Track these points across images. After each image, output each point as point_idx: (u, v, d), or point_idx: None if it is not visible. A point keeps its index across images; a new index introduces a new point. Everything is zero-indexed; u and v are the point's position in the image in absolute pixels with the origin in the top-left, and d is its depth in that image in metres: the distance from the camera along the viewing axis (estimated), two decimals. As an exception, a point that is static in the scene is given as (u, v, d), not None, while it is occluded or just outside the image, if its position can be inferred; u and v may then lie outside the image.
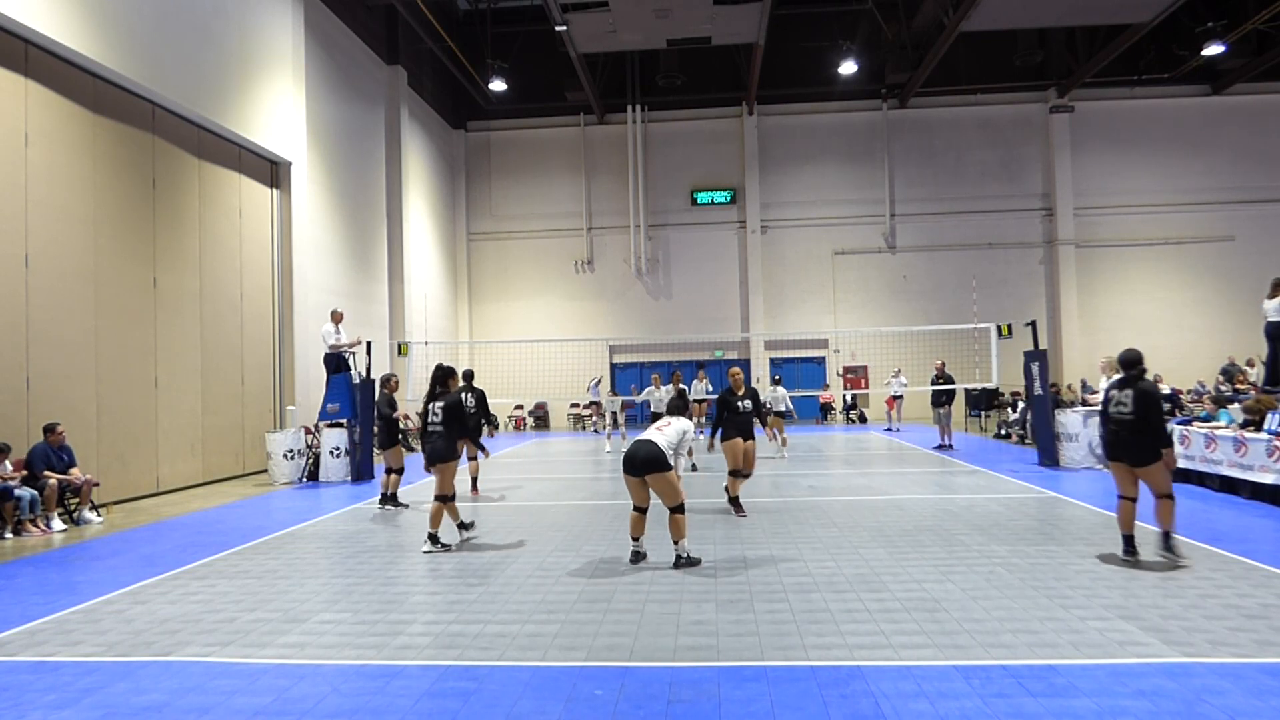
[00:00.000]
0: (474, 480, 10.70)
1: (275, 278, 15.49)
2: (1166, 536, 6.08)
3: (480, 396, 10.71)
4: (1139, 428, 6.03)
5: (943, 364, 16.31)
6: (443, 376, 7.53)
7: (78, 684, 4.13)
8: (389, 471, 9.83)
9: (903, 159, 25.73)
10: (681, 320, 25.69)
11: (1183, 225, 24.87)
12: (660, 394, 14.42)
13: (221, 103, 13.29)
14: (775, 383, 15.46)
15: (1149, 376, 6.49)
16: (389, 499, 9.76)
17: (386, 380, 10.48)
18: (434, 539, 7.16)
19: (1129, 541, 6.17)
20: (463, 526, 7.63)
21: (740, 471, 8.48)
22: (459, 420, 7.32)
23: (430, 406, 7.39)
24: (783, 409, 14.95)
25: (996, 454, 14.52)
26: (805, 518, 8.35)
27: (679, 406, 6.82)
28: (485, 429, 10.96)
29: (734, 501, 8.63)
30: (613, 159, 26.32)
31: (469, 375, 10.80)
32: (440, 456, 7.21)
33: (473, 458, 10.51)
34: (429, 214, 24.14)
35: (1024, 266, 25.39)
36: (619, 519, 8.34)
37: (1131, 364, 6.28)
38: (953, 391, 15.76)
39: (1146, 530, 6.58)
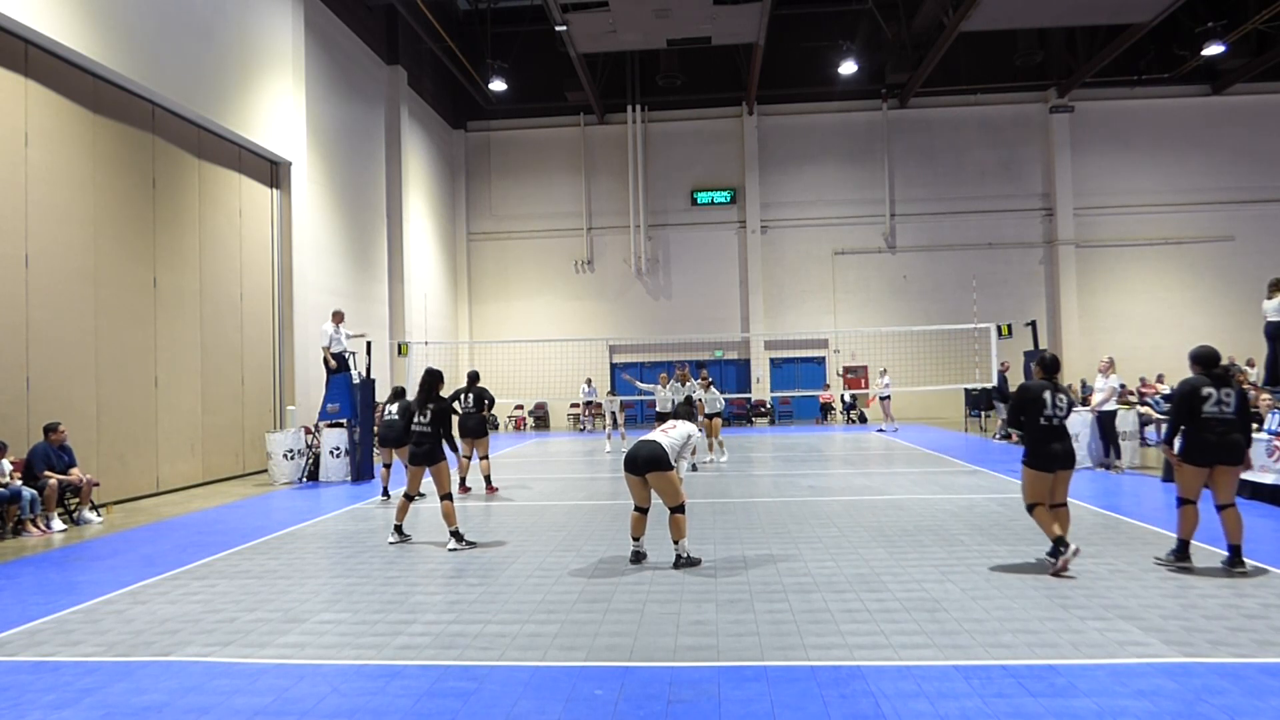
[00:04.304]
0: (487, 479, 10.85)
1: (275, 278, 15.48)
2: (1238, 550, 5.81)
3: (480, 396, 10.75)
4: (1242, 427, 5.80)
5: (1006, 365, 17.27)
6: (433, 382, 7.57)
7: (78, 684, 4.13)
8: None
9: (903, 159, 25.73)
10: (681, 320, 25.68)
11: (1183, 225, 24.87)
12: (666, 393, 14.26)
13: (221, 103, 13.29)
14: (708, 385, 14.09)
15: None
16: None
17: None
18: (458, 536, 7.23)
19: (1187, 547, 5.93)
20: (399, 530, 7.65)
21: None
22: (446, 426, 7.54)
23: (416, 415, 7.48)
24: (720, 410, 14.37)
25: (997, 454, 14.52)
26: (805, 518, 8.34)
27: (687, 413, 6.90)
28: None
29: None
30: (613, 159, 26.32)
31: (473, 376, 10.88)
32: (431, 459, 7.29)
33: (484, 456, 10.73)
34: (429, 214, 24.15)
35: (1024, 266, 25.38)
36: (619, 519, 8.34)
37: (1217, 360, 5.99)
38: (1005, 391, 16.38)
39: (1138, 526, 6.58)
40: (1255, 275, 21.58)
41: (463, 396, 10.62)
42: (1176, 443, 6.00)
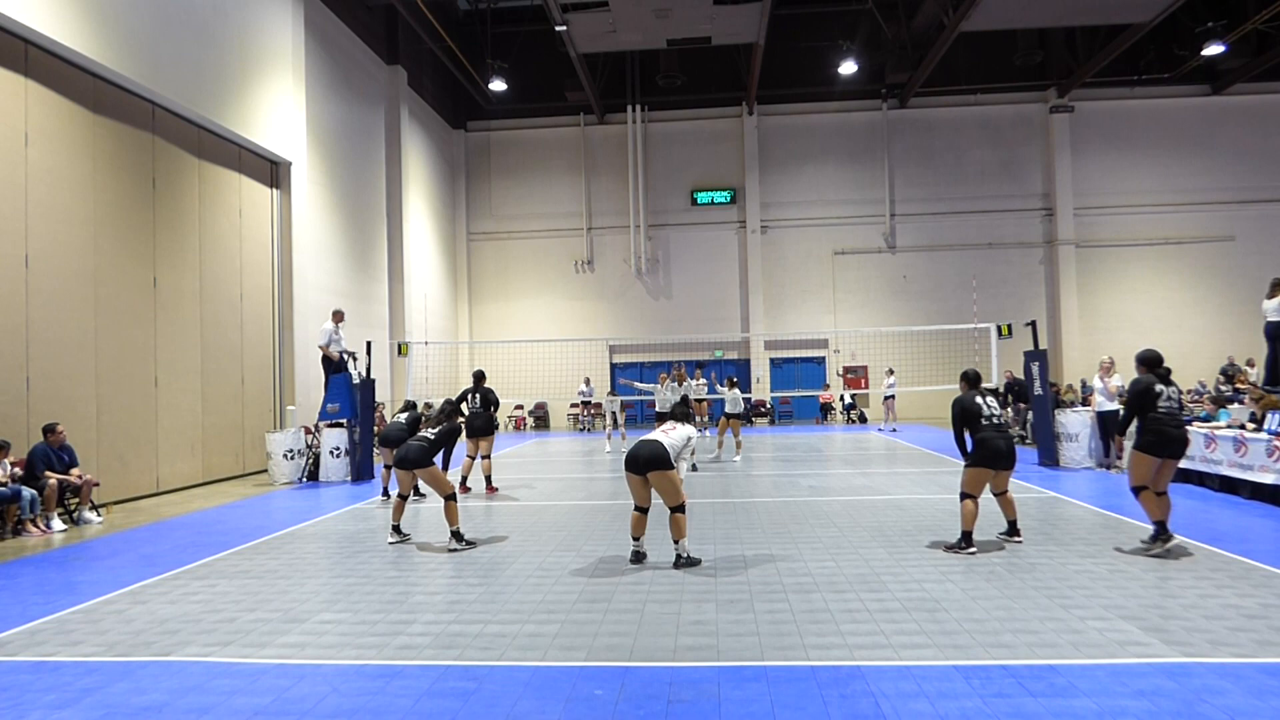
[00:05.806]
0: (488, 478, 10.88)
1: (275, 278, 15.48)
2: (1164, 524, 6.39)
3: (486, 395, 10.76)
4: (1184, 423, 6.45)
5: (1010, 373, 17.98)
6: (452, 411, 7.86)
7: (78, 684, 4.13)
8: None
9: (903, 159, 25.73)
10: (681, 320, 25.69)
11: (1183, 225, 24.87)
12: (665, 393, 14.32)
13: (221, 103, 13.29)
14: (731, 384, 14.60)
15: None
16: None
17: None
18: (458, 535, 7.24)
19: (1165, 526, 6.36)
20: (397, 530, 7.68)
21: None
22: (446, 445, 7.62)
23: (424, 429, 7.70)
24: (740, 411, 14.56)
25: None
26: (805, 518, 8.34)
27: (683, 414, 6.93)
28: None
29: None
30: (613, 159, 26.32)
31: (479, 375, 10.93)
32: (418, 464, 7.32)
33: (486, 456, 10.76)
34: (429, 214, 24.15)
35: (1024, 266, 25.39)
36: (619, 519, 8.34)
37: (1161, 361, 6.59)
38: (1019, 393, 16.65)
39: (1139, 527, 6.61)
40: (1255, 275, 21.62)
41: (470, 396, 10.66)
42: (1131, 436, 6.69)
